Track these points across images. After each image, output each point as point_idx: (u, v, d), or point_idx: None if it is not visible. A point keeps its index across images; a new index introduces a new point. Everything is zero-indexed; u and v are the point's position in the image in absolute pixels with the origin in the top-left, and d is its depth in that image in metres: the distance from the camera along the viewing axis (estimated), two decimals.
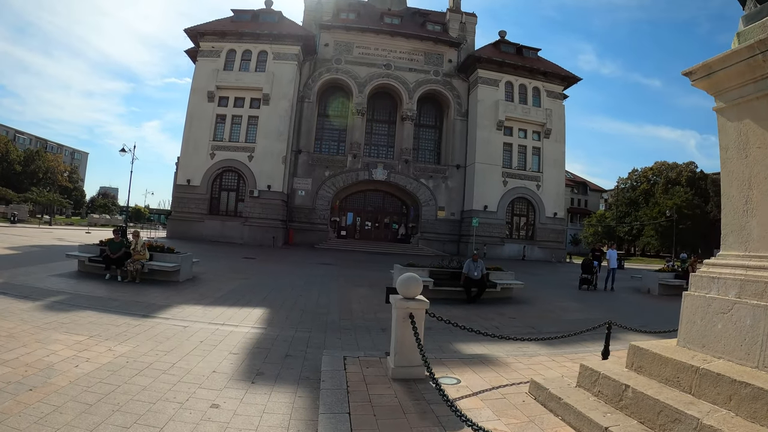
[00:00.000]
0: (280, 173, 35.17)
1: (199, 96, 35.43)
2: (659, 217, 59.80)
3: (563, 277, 24.90)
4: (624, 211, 73.25)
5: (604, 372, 4.32)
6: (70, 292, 10.38)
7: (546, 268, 30.53)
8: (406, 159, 39.40)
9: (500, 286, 13.89)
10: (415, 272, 13.46)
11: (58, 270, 13.35)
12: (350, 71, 39.51)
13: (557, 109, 40.78)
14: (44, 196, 64.51)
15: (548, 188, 39.93)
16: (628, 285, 20.04)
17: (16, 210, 49.59)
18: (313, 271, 18.31)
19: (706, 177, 66.95)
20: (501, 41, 42.47)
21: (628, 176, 79.45)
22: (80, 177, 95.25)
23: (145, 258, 12.74)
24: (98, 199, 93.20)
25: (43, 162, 75.68)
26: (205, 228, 33.79)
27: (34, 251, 19.27)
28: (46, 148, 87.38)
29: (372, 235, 41.03)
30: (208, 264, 16.67)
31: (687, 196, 60.26)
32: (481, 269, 13.30)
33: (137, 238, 13.02)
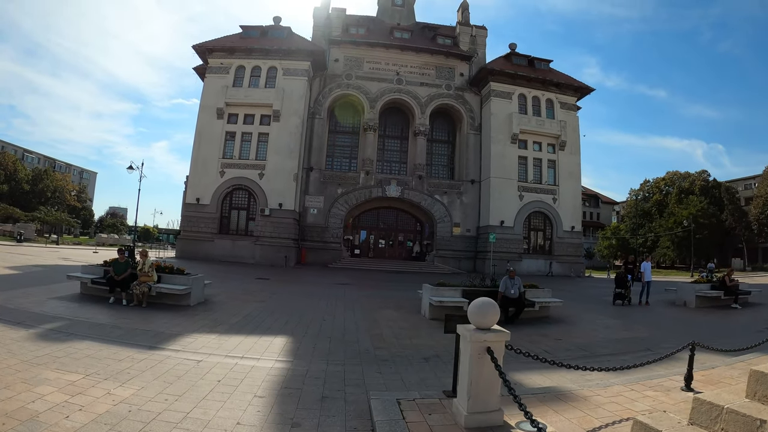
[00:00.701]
0: (292, 191, 34.24)
1: (208, 113, 34.77)
2: (675, 227, 58.43)
3: (589, 291, 23.81)
4: (637, 222, 71.94)
5: (728, 406, 3.55)
6: (69, 318, 9.36)
7: (567, 283, 29.18)
8: (419, 175, 38.40)
9: (538, 304, 12.73)
10: (447, 292, 12.45)
11: (59, 292, 12.38)
12: (361, 87, 38.81)
13: (571, 120, 39.77)
14: (52, 215, 64.33)
15: (565, 201, 38.72)
16: (661, 298, 18.83)
17: (23, 229, 49.08)
18: (331, 292, 17.15)
19: (720, 185, 65.92)
20: (512, 53, 41.71)
21: (640, 187, 78.25)
22: (89, 196, 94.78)
23: (153, 280, 11.70)
24: (107, 219, 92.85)
25: (52, 181, 75.28)
26: (215, 248, 32.82)
27: (36, 271, 18.37)
28: (55, 168, 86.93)
29: (386, 253, 39.85)
30: (220, 286, 15.60)
31: (702, 205, 58.94)
32: (519, 287, 12.19)
33: (145, 258, 11.99)
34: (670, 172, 74.54)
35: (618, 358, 8.30)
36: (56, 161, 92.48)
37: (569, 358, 8.05)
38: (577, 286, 28.00)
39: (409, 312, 12.78)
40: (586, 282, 33.26)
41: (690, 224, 51.20)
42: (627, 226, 73.62)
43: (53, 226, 64.24)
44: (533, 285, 13.61)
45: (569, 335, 10.72)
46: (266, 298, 14.33)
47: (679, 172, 73.88)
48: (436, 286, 12.15)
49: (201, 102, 35.36)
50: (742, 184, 73.06)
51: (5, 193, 64.90)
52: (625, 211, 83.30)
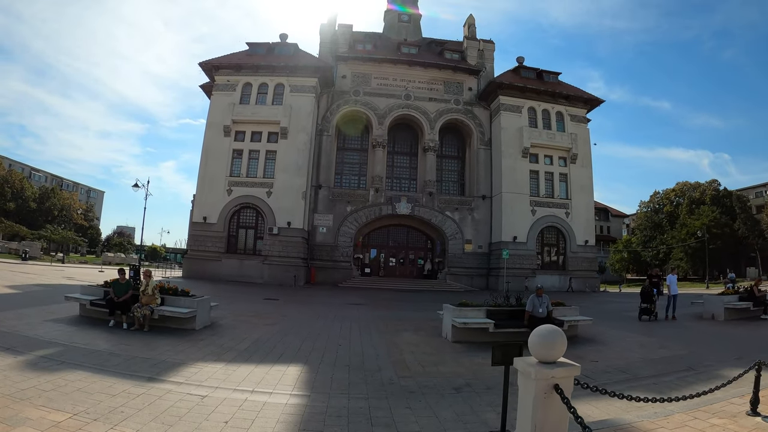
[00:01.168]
0: (300, 209, 33.60)
1: (215, 131, 34.38)
2: (688, 238, 57.23)
3: (608, 307, 22.82)
4: (649, 235, 70.67)
5: None
6: (63, 343, 8.65)
7: (584, 298, 28.14)
8: (430, 191, 37.70)
9: (567, 323, 11.87)
10: (471, 312, 11.56)
11: (57, 314, 11.71)
12: (369, 103, 38.39)
13: (582, 133, 39.04)
14: (58, 233, 64.13)
15: (578, 215, 37.80)
16: (687, 311, 17.94)
17: (28, 247, 48.77)
18: (344, 313, 16.30)
19: (731, 194, 64.73)
20: (521, 67, 41.22)
21: (650, 199, 77.14)
22: (96, 215, 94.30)
23: (156, 303, 10.96)
24: (114, 238, 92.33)
25: (59, 199, 74.91)
26: (222, 267, 32.10)
27: (36, 291, 17.73)
28: (62, 186, 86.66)
29: (397, 271, 38.96)
30: (227, 307, 14.82)
31: (714, 215, 57.80)
32: (547, 305, 11.39)
33: (148, 278, 11.26)
34: (680, 183, 73.59)
35: (662, 380, 7.71)
36: (63, 180, 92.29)
37: (612, 382, 7.40)
38: (594, 301, 27.08)
39: (430, 334, 11.93)
40: (602, 297, 32.28)
41: (704, 235, 50.05)
42: (638, 238, 72.42)
43: (60, 244, 63.92)
44: (560, 302, 12.81)
45: (604, 356, 9.94)
46: (276, 321, 13.52)
47: (689, 182, 72.91)
48: (459, 307, 11.29)
49: (208, 119, 35.02)
50: (752, 192, 72.05)
51: (12, 211, 64.60)
52: (635, 224, 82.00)
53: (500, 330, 10.93)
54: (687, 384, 7.35)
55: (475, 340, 10.78)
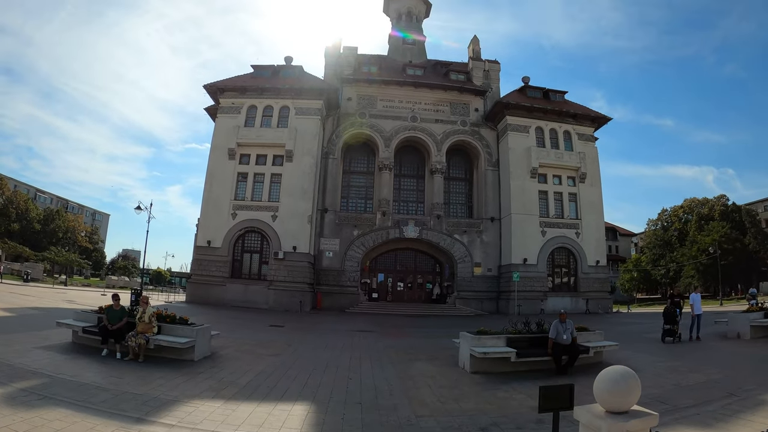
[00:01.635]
0: (306, 233, 32.97)
1: (220, 153, 34.05)
2: (699, 255, 56.12)
3: (625, 329, 21.89)
4: (658, 253, 69.70)
5: None
6: (49, 374, 7.97)
7: (599, 320, 27.11)
8: (438, 214, 37.03)
9: (593, 349, 11.09)
10: (490, 340, 10.72)
11: (49, 340, 11.08)
12: (375, 125, 38.09)
13: (590, 151, 38.47)
14: (62, 255, 64.00)
15: (588, 235, 36.93)
16: (710, 331, 17.10)
17: (30, 268, 48.40)
18: (353, 341, 15.48)
19: (739, 209, 64.02)
20: (527, 87, 40.96)
21: (658, 217, 76.18)
22: (101, 238, 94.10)
23: (153, 331, 10.26)
24: (118, 261, 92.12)
25: (63, 222, 74.77)
26: (227, 292, 31.39)
27: (32, 314, 17.10)
28: (67, 208, 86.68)
29: (405, 296, 38.04)
30: (230, 335, 14.09)
31: (724, 230, 56.84)
32: (571, 331, 10.59)
33: (145, 305, 10.60)
34: (688, 200, 72.70)
35: (705, 410, 7.05)
36: (69, 202, 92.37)
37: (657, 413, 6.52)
38: (608, 323, 26.05)
39: (446, 364, 11.13)
40: (617, 318, 31.35)
41: (716, 251, 48.99)
42: (648, 257, 71.51)
43: (64, 266, 63.53)
44: (583, 327, 12.01)
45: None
46: (281, 351, 12.75)
47: (697, 198, 72.02)
48: (477, 335, 10.50)
49: (212, 142, 34.75)
50: (761, 205, 71.09)
51: (16, 232, 64.39)
52: (644, 243, 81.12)
53: (523, 359, 10.17)
54: (733, 413, 6.75)
55: (495, 370, 10.03)
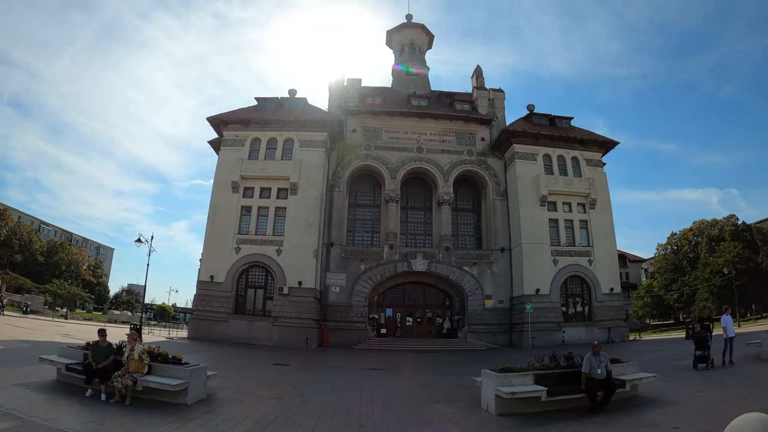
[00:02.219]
0: (312, 268, 32.10)
1: (223, 187, 33.55)
2: (713, 277, 54.76)
3: (651, 357, 20.89)
4: (670, 277, 68.23)
5: None
6: (21, 416, 7.10)
7: (619, 349, 25.90)
8: (446, 246, 36.16)
9: (629, 383, 10.11)
10: (517, 378, 9.67)
11: (32, 377, 10.25)
12: (380, 157, 37.68)
13: (599, 177, 37.79)
14: (64, 288, 63.22)
15: (601, 262, 35.88)
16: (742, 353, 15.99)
17: (30, 300, 47.65)
18: (363, 381, 14.43)
19: (750, 228, 62.71)
20: (532, 114, 40.68)
21: (667, 241, 74.80)
22: (104, 272, 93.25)
23: (143, 371, 9.35)
24: (122, 296, 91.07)
25: (67, 254, 73.96)
26: (230, 328, 30.37)
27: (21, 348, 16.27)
28: (71, 241, 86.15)
29: (414, 331, 36.79)
30: (230, 374, 13.14)
31: (737, 250, 55.59)
32: (606, 364, 9.66)
33: (134, 342, 9.71)
34: (697, 222, 71.49)
35: None
36: (73, 235, 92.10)
37: None
38: (630, 351, 24.90)
39: (468, 406, 10.16)
40: (635, 346, 30.34)
41: (731, 271, 47.68)
42: (659, 282, 70.04)
43: (66, 299, 62.68)
44: (616, 359, 11.06)
45: (684, 420, 8.26)
46: (285, 393, 11.76)
47: (706, 220, 70.82)
48: (502, 373, 9.55)
49: (215, 175, 34.31)
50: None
51: (19, 263, 63.70)
52: (654, 268, 79.50)
53: (554, 398, 9.18)
54: None
55: (524, 411, 9.07)
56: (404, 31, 48.90)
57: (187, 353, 21.84)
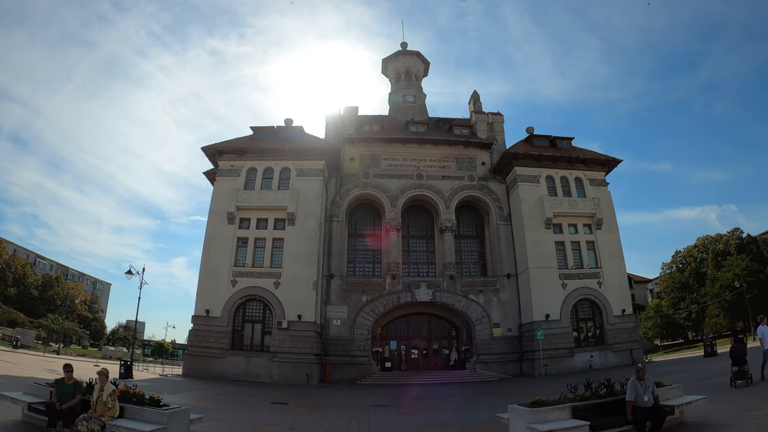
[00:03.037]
0: (312, 301, 30.80)
1: (218, 218, 32.53)
2: (723, 292, 53.52)
3: (677, 377, 19.16)
4: (677, 296, 67.36)
5: None
6: None
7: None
8: (450, 275, 34.92)
9: (677, 408, 8.87)
10: (552, 413, 8.42)
11: None
12: (380, 185, 36.84)
13: (603, 196, 36.79)
14: (58, 323, 61.98)
15: (610, 284, 34.51)
16: None
17: (21, 334, 46.81)
18: (370, 421, 13.06)
19: (755, 240, 62.05)
20: (532, 136, 40.00)
21: (672, 260, 74.56)
22: (101, 307, 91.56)
23: (114, 414, 8.13)
24: (119, 331, 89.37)
25: (62, 289, 72.96)
26: (227, 365, 28.90)
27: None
28: (67, 276, 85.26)
29: (420, 364, 35.21)
30: (221, 415, 11.86)
31: (745, 263, 54.53)
32: (652, 389, 8.45)
33: (105, 380, 8.49)
34: (701, 238, 71.38)
35: None
36: (69, 269, 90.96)
37: None
38: (651, 374, 23.29)
39: None
40: (653, 368, 28.55)
41: (742, 285, 46.27)
42: (667, 301, 69.16)
43: (60, 334, 61.60)
44: (659, 382, 9.79)
45: None
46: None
47: (710, 236, 70.73)
48: (533, 408, 8.25)
49: (211, 207, 33.30)
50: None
51: (13, 296, 62.78)
52: (660, 288, 78.66)
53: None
54: None
55: None
56: (400, 59, 48.85)
57: (178, 392, 20.50)
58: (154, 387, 22.76)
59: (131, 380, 25.75)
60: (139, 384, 23.69)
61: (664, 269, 76.58)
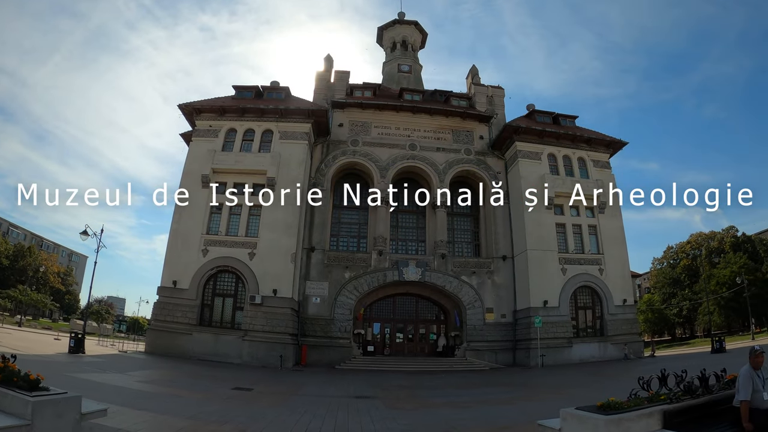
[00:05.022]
0: (289, 275, 27.92)
1: (192, 181, 29.41)
2: (720, 289, 52.37)
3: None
4: (668, 291, 66.78)
5: None
6: None
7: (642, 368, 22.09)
8: (442, 253, 32.31)
9: None
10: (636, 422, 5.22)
11: None
12: (369, 153, 33.95)
13: (607, 179, 34.31)
14: (27, 295, 59.20)
15: (612, 272, 32.23)
16: None
17: None
18: (350, 421, 10.09)
19: (751, 239, 61.75)
20: (534, 112, 37.32)
21: (663, 255, 73.79)
22: (75, 280, 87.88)
23: None
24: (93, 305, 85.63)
25: (35, 259, 69.40)
26: (193, 343, 26.00)
27: None
28: (41, 246, 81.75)
29: (405, 349, 32.65)
30: (157, 404, 9.12)
31: (743, 261, 53.95)
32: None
33: None
34: (694, 234, 71.02)
35: None
36: (44, 240, 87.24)
37: None
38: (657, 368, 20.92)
39: None
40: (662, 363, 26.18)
41: (743, 281, 44.60)
42: (658, 297, 68.43)
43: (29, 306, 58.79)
44: None
45: None
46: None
47: (703, 233, 70.52)
48: (608, 414, 5.28)
49: (184, 168, 30.12)
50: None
51: None
52: (650, 283, 78.39)
53: None
54: None
55: None
56: (396, 28, 45.65)
57: (127, 371, 17.67)
58: (103, 363, 19.91)
59: (81, 356, 22.85)
60: (87, 360, 20.82)
61: (654, 264, 75.89)
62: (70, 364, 17.99)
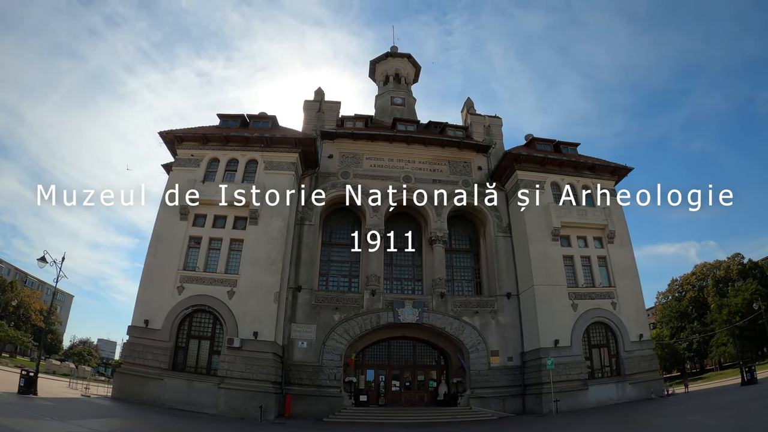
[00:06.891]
0: (272, 316, 25.22)
1: (170, 213, 27.17)
2: (734, 318, 49.84)
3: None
4: (677, 325, 65.12)
5: None
6: None
7: (666, 410, 19.31)
8: (441, 292, 29.79)
9: None
10: None
11: None
12: (361, 186, 31.94)
13: (614, 207, 32.31)
14: (4, 330, 57.54)
15: (626, 305, 29.59)
16: None
17: None
18: None
19: (757, 265, 60.63)
20: (534, 140, 35.62)
21: (668, 289, 72.88)
22: (59, 319, 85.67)
23: None
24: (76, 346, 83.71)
25: (16, 295, 67.03)
26: (164, 389, 23.14)
27: None
28: (26, 282, 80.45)
29: (402, 398, 29.51)
30: None
31: (754, 287, 52.37)
32: None
33: None
34: (699, 265, 69.81)
35: None
36: (28, 275, 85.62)
37: None
38: (686, 408, 18.25)
39: None
40: (690, 401, 24.52)
41: (760, 307, 41.95)
42: (667, 331, 66.34)
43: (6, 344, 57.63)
44: None
45: None
46: None
47: (708, 263, 69.20)
48: None
49: (162, 199, 27.75)
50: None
51: None
52: (656, 318, 75.62)
53: None
54: None
55: None
56: (389, 61, 44.63)
57: (77, 419, 14.93)
58: (48, 408, 17.27)
59: (31, 397, 20.05)
60: (33, 402, 17.97)
61: (659, 299, 74.85)
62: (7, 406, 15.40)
